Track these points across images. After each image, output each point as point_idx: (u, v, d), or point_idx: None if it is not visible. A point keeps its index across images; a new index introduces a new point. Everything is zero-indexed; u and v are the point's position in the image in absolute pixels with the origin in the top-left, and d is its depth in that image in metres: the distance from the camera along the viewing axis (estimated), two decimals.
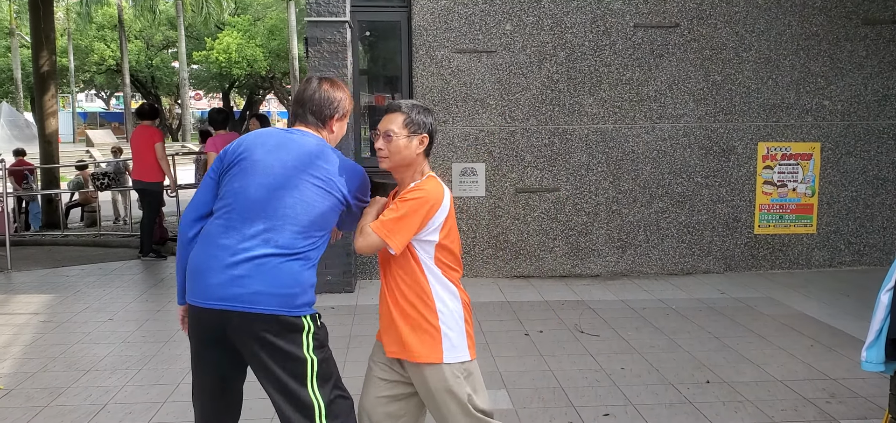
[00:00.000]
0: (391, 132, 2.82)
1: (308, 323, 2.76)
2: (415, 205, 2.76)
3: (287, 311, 2.69)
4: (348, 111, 3.04)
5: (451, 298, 2.87)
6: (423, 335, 2.82)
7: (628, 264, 8.12)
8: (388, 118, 2.85)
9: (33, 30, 15.02)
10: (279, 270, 2.68)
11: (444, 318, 2.84)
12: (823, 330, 6.07)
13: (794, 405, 4.54)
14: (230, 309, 2.67)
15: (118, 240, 11.51)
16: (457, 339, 2.85)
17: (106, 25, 42.45)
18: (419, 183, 2.84)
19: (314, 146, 2.83)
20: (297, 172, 2.76)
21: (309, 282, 2.78)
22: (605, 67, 7.94)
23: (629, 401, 4.62)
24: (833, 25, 8.11)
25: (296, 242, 2.72)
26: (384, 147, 2.84)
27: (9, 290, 7.88)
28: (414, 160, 2.86)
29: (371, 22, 8.37)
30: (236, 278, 2.67)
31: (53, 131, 15.14)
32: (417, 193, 2.78)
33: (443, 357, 2.81)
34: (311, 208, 2.75)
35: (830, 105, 8.20)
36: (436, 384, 2.82)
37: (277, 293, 2.67)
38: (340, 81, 3.05)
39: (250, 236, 2.70)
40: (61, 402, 4.68)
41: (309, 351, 2.75)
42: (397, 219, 2.75)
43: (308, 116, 2.94)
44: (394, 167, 2.87)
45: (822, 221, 8.31)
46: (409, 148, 2.83)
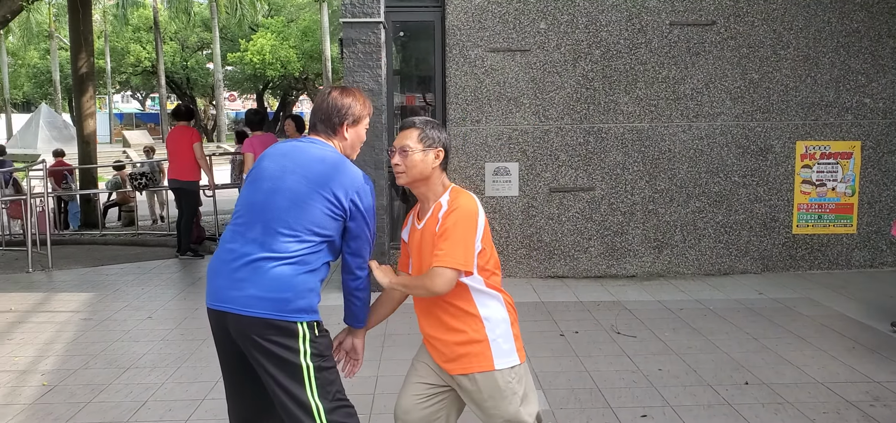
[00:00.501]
0: (407, 147, 2.88)
1: (304, 329, 2.75)
2: (462, 223, 2.79)
3: (278, 315, 2.70)
4: (361, 117, 3.03)
5: (495, 304, 2.90)
6: (471, 347, 2.84)
7: (665, 265, 8.05)
8: (403, 134, 2.92)
9: (72, 32, 15.30)
10: (271, 274, 2.71)
11: (491, 326, 2.86)
12: (865, 331, 5.97)
13: (837, 408, 4.46)
14: (229, 311, 2.74)
15: (155, 239, 11.68)
16: (505, 344, 2.87)
17: (141, 27, 43.13)
18: (450, 200, 2.87)
19: (316, 151, 2.87)
20: (293, 176, 2.79)
21: (304, 287, 2.75)
22: (641, 66, 7.87)
23: (667, 402, 4.58)
24: (874, 21, 7.96)
25: (288, 246, 2.73)
26: (401, 162, 2.89)
27: (50, 288, 8.03)
28: (430, 174, 2.90)
29: (405, 22, 8.39)
30: (236, 281, 2.73)
31: (91, 132, 15.42)
32: (455, 214, 2.80)
33: (494, 364, 2.83)
34: (303, 212, 2.75)
35: (871, 103, 8.05)
36: (488, 391, 2.84)
37: (269, 297, 2.69)
38: (354, 89, 3.07)
39: (250, 240, 2.77)
40: (103, 398, 4.76)
41: (305, 358, 2.75)
42: (458, 242, 2.76)
43: (318, 124, 2.99)
44: (411, 182, 2.92)
45: (862, 220, 8.16)
46: (424, 162, 2.88)
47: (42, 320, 6.70)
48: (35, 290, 7.92)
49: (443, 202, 2.88)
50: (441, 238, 2.79)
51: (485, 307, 2.87)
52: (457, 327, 2.86)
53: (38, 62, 45.40)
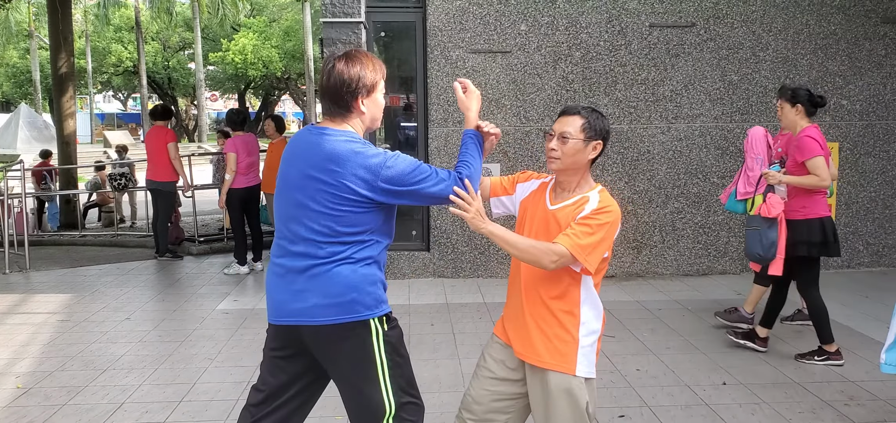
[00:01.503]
0: (567, 134, 2.76)
1: (375, 325, 2.72)
2: (609, 229, 2.71)
3: (348, 317, 2.67)
4: (375, 83, 2.78)
5: (594, 312, 2.81)
6: (559, 344, 2.75)
7: (644, 265, 8.09)
8: (565, 120, 2.79)
9: (52, 32, 15.16)
10: (327, 279, 2.66)
11: (585, 331, 2.77)
12: (841, 331, 6.01)
13: (812, 408, 4.50)
14: (298, 324, 2.71)
15: (135, 240, 11.58)
16: (591, 355, 2.79)
17: (123, 27, 42.82)
18: (602, 200, 2.75)
19: (328, 147, 2.67)
20: (311, 181, 2.68)
21: (366, 282, 2.70)
22: (621, 67, 7.91)
23: (645, 402, 4.60)
24: (851, 24, 8.04)
25: (334, 248, 2.67)
26: (557, 149, 2.77)
27: (27, 289, 7.95)
28: (584, 166, 2.81)
29: (386, 23, 8.38)
30: (297, 293, 2.70)
31: (71, 132, 15.28)
32: (608, 217, 2.70)
33: (575, 370, 2.74)
34: (335, 217, 2.66)
35: (849, 105, 8.13)
36: (558, 387, 2.73)
37: (334, 303, 2.66)
38: (359, 52, 2.80)
39: (293, 251, 2.72)
40: (79, 400, 4.71)
41: (379, 352, 2.72)
42: (596, 243, 2.67)
43: (330, 106, 2.76)
44: (563, 170, 2.80)
45: (839, 221, 8.22)
46: (583, 153, 2.77)
47: (18, 321, 6.63)
48: (11, 291, 7.84)
49: (591, 199, 2.76)
50: (581, 225, 2.67)
51: (586, 309, 2.78)
52: (548, 319, 2.76)
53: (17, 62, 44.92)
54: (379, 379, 2.72)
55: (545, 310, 2.78)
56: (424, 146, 8.02)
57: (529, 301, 2.82)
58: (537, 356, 2.77)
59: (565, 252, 2.63)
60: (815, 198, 5.10)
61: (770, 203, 5.04)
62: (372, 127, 2.86)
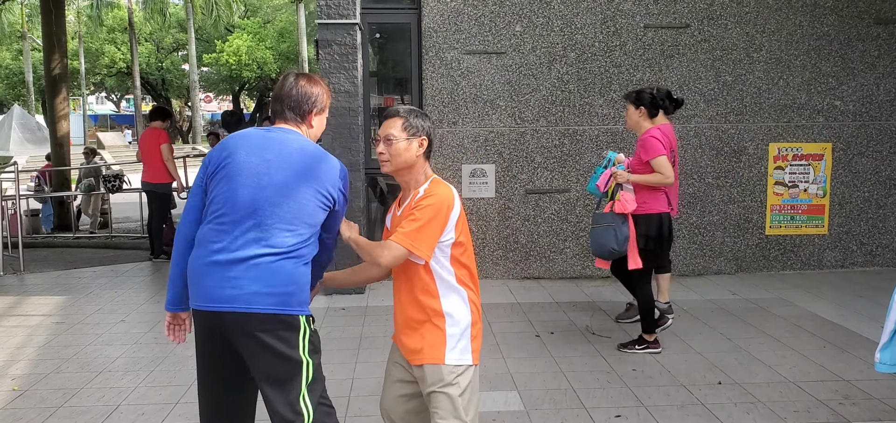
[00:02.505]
0: (391, 136, 2.90)
1: (303, 323, 2.79)
2: (432, 211, 2.83)
3: (283, 309, 2.72)
4: (326, 105, 3.06)
5: (458, 301, 2.92)
6: (427, 337, 2.89)
7: None
8: (388, 123, 2.94)
9: (45, 33, 15.11)
10: (273, 269, 2.71)
11: (451, 322, 2.89)
12: (836, 331, 6.05)
13: (807, 407, 4.52)
14: (226, 310, 2.71)
15: (129, 242, 11.56)
16: (462, 343, 2.90)
17: (116, 28, 42.67)
18: (428, 188, 2.91)
19: (296, 144, 2.87)
20: (281, 171, 2.78)
21: (304, 280, 2.80)
22: (616, 68, 7.93)
23: (641, 402, 4.61)
24: (844, 25, 8.08)
25: (286, 240, 2.74)
26: (385, 151, 2.91)
27: (22, 292, 7.93)
28: (414, 162, 2.93)
29: (381, 24, 8.39)
30: (231, 279, 2.70)
31: (65, 134, 15.23)
32: (430, 200, 2.85)
33: (444, 359, 2.86)
34: (298, 206, 2.77)
35: (842, 105, 8.16)
36: (432, 377, 2.86)
37: (273, 292, 2.70)
38: (317, 77, 3.07)
39: (242, 237, 2.73)
40: (75, 403, 4.70)
41: (304, 353, 2.78)
42: (419, 228, 2.81)
43: (286, 112, 2.96)
44: (396, 170, 2.94)
45: (833, 222, 8.27)
46: (409, 151, 2.90)
47: (13, 324, 6.61)
48: (6, 293, 7.82)
49: (420, 191, 2.92)
50: (405, 218, 2.86)
51: (448, 302, 2.90)
52: (419, 317, 2.91)
53: (10, 63, 44.75)
54: (300, 379, 2.77)
55: (412, 308, 2.93)
56: None
57: (399, 303, 3.00)
58: (412, 354, 2.92)
59: (393, 245, 2.81)
60: (656, 194, 5.42)
61: (624, 200, 5.26)
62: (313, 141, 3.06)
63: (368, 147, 8.02)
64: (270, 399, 2.79)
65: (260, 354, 2.74)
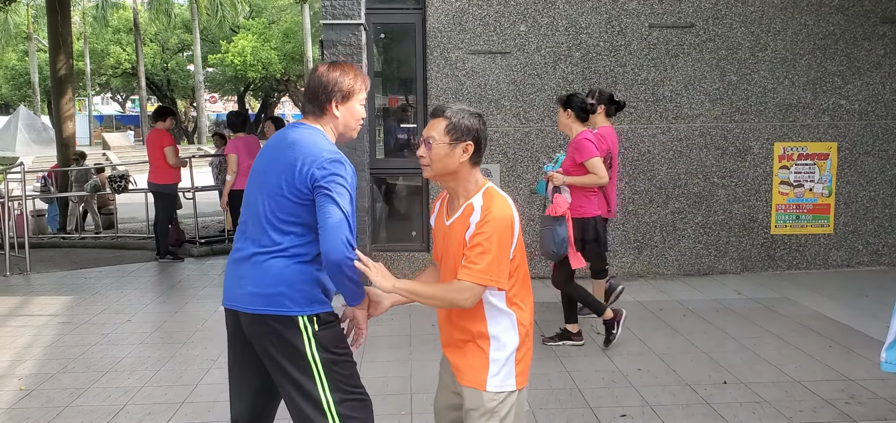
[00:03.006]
0: (431, 139, 2.63)
1: (304, 323, 2.71)
2: (497, 237, 2.56)
3: (275, 310, 2.68)
4: (352, 90, 2.83)
5: (506, 324, 2.68)
6: (470, 358, 2.68)
7: (644, 265, 8.10)
8: (431, 124, 2.67)
9: (51, 34, 15.15)
10: (262, 268, 2.71)
11: (496, 346, 2.66)
12: (842, 331, 6.03)
13: (813, 407, 4.51)
14: (238, 310, 2.76)
15: (135, 242, 11.58)
16: (506, 368, 2.66)
17: (121, 29, 42.78)
18: (484, 207, 2.60)
19: (290, 138, 2.77)
20: (273, 168, 2.75)
21: (299, 279, 2.70)
22: (621, 68, 7.92)
23: (646, 402, 4.61)
24: (850, 24, 8.06)
25: (275, 238, 2.71)
26: (426, 155, 2.65)
27: (28, 292, 7.96)
28: (458, 170, 2.65)
29: (386, 24, 8.39)
30: (239, 279, 2.76)
31: (70, 134, 15.27)
32: (492, 225, 2.56)
33: (486, 386, 2.64)
34: (279, 203, 2.69)
35: (848, 105, 8.14)
36: (471, 402, 2.67)
37: (264, 293, 2.70)
38: (344, 63, 2.87)
39: (247, 237, 2.79)
40: (81, 402, 4.72)
41: (310, 351, 2.72)
42: (491, 260, 2.54)
43: (307, 105, 2.85)
44: (436, 177, 2.68)
45: (839, 221, 8.25)
46: (451, 157, 2.62)
47: (20, 324, 6.64)
48: (13, 294, 7.85)
49: (475, 205, 2.62)
50: (473, 250, 2.56)
51: (495, 325, 2.67)
52: (462, 338, 2.71)
53: (16, 64, 44.90)
54: (314, 377, 2.73)
55: (455, 329, 2.73)
56: None
57: (442, 322, 2.80)
58: (456, 371, 2.75)
59: (470, 286, 2.55)
60: (591, 197, 5.57)
61: (556, 203, 5.35)
62: (345, 135, 2.88)
63: (373, 148, 8.03)
64: (285, 393, 2.79)
65: (270, 350, 2.74)
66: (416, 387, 4.88)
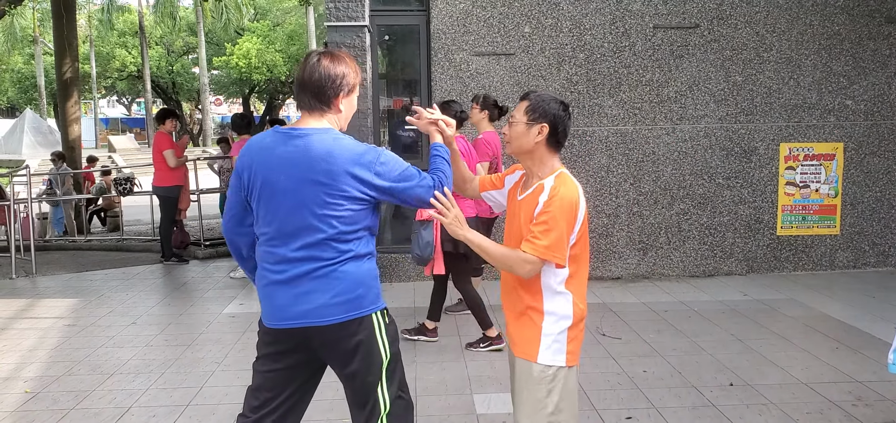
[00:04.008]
0: (513, 118, 2.83)
1: (378, 319, 2.77)
2: (566, 216, 2.70)
3: (355, 313, 2.70)
4: (355, 84, 2.84)
5: (563, 303, 2.79)
6: (526, 331, 2.81)
7: (649, 267, 8.08)
8: (518, 105, 2.86)
9: (56, 37, 15.20)
10: (335, 278, 2.68)
11: (550, 321, 2.78)
12: (848, 332, 6.01)
13: (820, 409, 4.49)
14: (305, 325, 2.71)
15: (140, 245, 11.61)
16: (558, 344, 2.77)
17: (127, 32, 42.89)
18: (553, 187, 2.73)
19: (318, 148, 2.67)
20: (308, 185, 2.66)
21: (370, 277, 2.76)
22: (625, 69, 7.91)
23: (651, 404, 4.59)
24: (855, 24, 8.03)
25: (338, 248, 2.69)
26: (507, 132, 2.86)
27: (34, 294, 7.97)
28: (533, 149, 2.80)
29: (390, 26, 8.39)
30: (300, 295, 2.69)
31: (76, 137, 15.33)
32: (557, 203, 2.69)
33: (537, 358, 2.77)
34: (335, 216, 2.67)
35: (853, 105, 8.11)
36: (521, 373, 2.81)
37: (341, 301, 2.68)
38: (344, 53, 2.84)
39: (294, 258, 2.70)
40: (86, 405, 4.72)
41: (383, 346, 2.77)
42: (557, 239, 2.68)
43: (311, 100, 2.75)
44: (515, 153, 2.86)
45: (845, 222, 8.22)
46: (527, 136, 2.79)
47: (25, 326, 6.65)
48: (18, 296, 7.86)
49: (545, 186, 2.76)
50: (538, 226, 2.70)
51: (551, 302, 2.78)
52: (519, 307, 2.85)
53: (22, 67, 45.04)
54: (381, 374, 2.77)
55: (516, 299, 2.86)
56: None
57: (505, 292, 2.94)
58: (512, 342, 2.89)
59: (533, 259, 2.70)
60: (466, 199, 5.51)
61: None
62: (342, 128, 2.89)
63: None
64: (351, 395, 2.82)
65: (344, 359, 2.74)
66: (421, 390, 4.88)
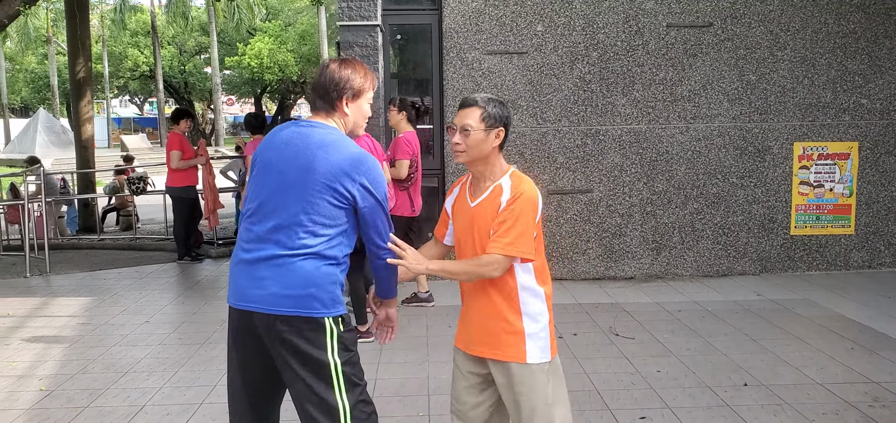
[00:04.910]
0: (469, 126, 2.83)
1: (331, 325, 2.72)
2: (527, 213, 2.80)
3: (304, 311, 2.67)
4: (362, 89, 2.87)
5: (535, 299, 2.89)
6: (508, 337, 2.85)
7: (663, 266, 8.05)
8: (465, 113, 2.87)
9: (69, 37, 15.26)
10: (290, 270, 2.67)
11: (529, 320, 2.86)
12: (863, 332, 5.97)
13: (835, 409, 4.46)
14: (253, 310, 2.71)
15: (153, 244, 11.65)
16: (541, 339, 2.87)
17: (139, 32, 43.13)
18: (513, 187, 2.85)
19: (317, 137, 2.74)
20: (298, 169, 2.69)
21: (328, 280, 2.70)
22: (638, 67, 7.88)
23: (666, 404, 4.57)
24: (871, 22, 7.97)
25: (304, 241, 2.67)
26: (461, 142, 2.85)
27: (48, 293, 8.02)
28: (490, 154, 2.88)
29: (402, 25, 8.39)
30: (257, 279, 2.70)
31: (89, 137, 15.38)
32: (521, 204, 2.80)
33: (526, 358, 2.84)
34: (312, 205, 2.67)
35: (869, 104, 8.05)
36: (518, 375, 2.84)
37: (291, 295, 2.66)
38: (354, 59, 2.90)
39: (264, 237, 2.72)
40: (100, 403, 4.75)
41: (332, 354, 2.71)
42: (520, 233, 2.77)
43: (318, 101, 2.85)
44: (471, 161, 2.89)
45: (860, 221, 8.16)
46: (486, 142, 2.85)
47: (40, 324, 6.69)
48: (33, 295, 7.91)
49: (504, 186, 2.86)
50: (503, 224, 2.78)
51: (527, 303, 2.86)
52: (498, 311, 2.86)
53: (35, 67, 45.38)
54: (332, 380, 2.72)
55: (489, 306, 2.88)
56: (440, 148, 8.02)
57: (475, 302, 2.93)
58: (493, 350, 2.88)
59: (499, 258, 2.77)
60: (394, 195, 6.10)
61: None
62: (353, 133, 2.92)
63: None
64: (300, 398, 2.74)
65: (286, 355, 2.70)
66: (433, 389, 4.87)
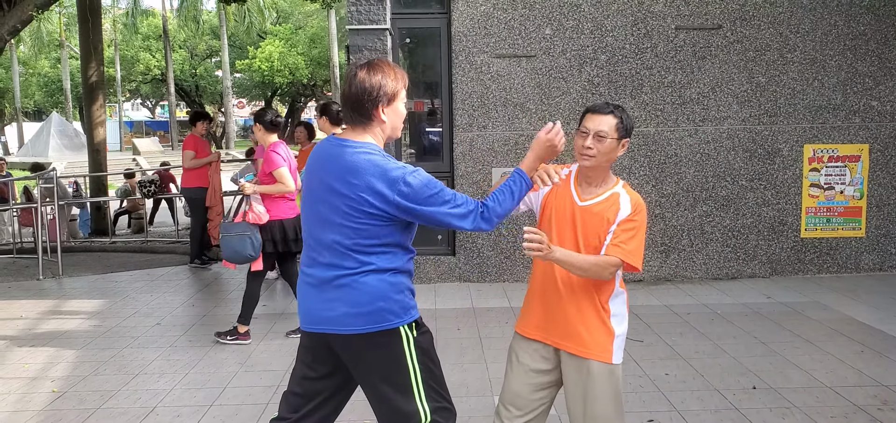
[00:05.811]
0: (604, 134, 2.88)
1: (405, 332, 2.74)
2: (644, 224, 2.97)
3: (375, 326, 2.69)
4: (396, 92, 2.77)
5: (622, 302, 3.02)
6: (599, 336, 2.94)
7: (672, 269, 8.04)
8: (599, 119, 2.90)
9: (82, 42, 15.38)
10: (355, 288, 2.69)
11: (617, 322, 2.98)
12: (874, 335, 5.95)
13: (845, 413, 4.45)
14: (328, 332, 2.74)
15: (165, 246, 11.72)
16: (622, 342, 3.01)
17: (151, 36, 43.41)
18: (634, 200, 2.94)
19: (348, 159, 2.68)
20: (331, 193, 2.70)
21: (393, 290, 2.72)
22: (647, 70, 7.87)
23: (674, 407, 4.57)
24: (881, 24, 7.94)
25: (358, 259, 2.68)
26: (593, 146, 2.88)
27: (60, 295, 8.08)
28: (611, 162, 2.98)
29: (411, 29, 8.42)
30: (325, 301, 2.73)
31: (101, 140, 15.50)
32: (642, 215, 2.94)
33: (612, 359, 2.95)
34: (356, 231, 2.67)
35: (879, 106, 8.02)
36: (600, 374, 2.93)
37: (361, 312, 2.68)
38: (381, 61, 2.79)
39: (321, 261, 2.75)
40: (112, 404, 4.79)
41: (412, 360, 2.74)
42: (639, 244, 2.92)
43: (351, 114, 2.74)
44: (595, 167, 2.93)
45: (871, 224, 8.13)
46: (615, 151, 2.92)
47: (52, 326, 6.75)
48: (45, 297, 7.98)
49: (621, 194, 2.95)
50: (626, 232, 2.88)
51: (616, 304, 2.98)
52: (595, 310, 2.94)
53: (48, 71, 45.71)
54: (412, 386, 2.74)
55: (587, 304, 2.93)
56: (449, 151, 8.04)
57: (571, 298, 2.95)
58: (581, 347, 2.94)
59: (618, 262, 2.86)
60: (279, 203, 6.05)
61: (258, 213, 5.93)
62: (392, 137, 2.87)
63: (400, 152, 8.05)
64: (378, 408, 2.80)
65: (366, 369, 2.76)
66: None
